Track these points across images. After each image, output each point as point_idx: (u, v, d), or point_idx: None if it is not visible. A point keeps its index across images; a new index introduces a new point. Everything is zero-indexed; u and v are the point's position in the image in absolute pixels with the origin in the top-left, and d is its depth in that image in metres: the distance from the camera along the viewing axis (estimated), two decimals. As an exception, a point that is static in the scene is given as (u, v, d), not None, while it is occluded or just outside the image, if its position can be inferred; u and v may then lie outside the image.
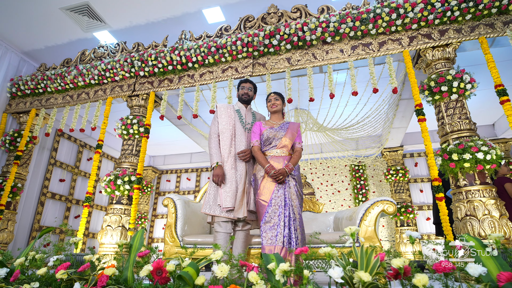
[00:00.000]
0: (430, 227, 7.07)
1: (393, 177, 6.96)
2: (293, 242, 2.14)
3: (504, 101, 2.88)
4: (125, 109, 5.73)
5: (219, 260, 1.14)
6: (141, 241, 1.32)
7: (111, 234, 3.65)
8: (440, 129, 3.16)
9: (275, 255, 1.18)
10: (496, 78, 2.98)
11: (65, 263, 1.22)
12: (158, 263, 1.15)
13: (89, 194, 3.93)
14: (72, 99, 4.74)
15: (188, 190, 9.42)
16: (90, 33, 5.01)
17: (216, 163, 2.50)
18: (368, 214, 2.41)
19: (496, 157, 2.73)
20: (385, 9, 3.37)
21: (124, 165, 4.05)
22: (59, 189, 6.30)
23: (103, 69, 4.44)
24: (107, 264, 1.30)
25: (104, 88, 4.61)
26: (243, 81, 2.85)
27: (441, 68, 3.27)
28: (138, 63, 4.28)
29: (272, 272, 1.09)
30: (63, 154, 6.44)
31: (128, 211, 3.86)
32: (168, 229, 2.83)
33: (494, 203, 2.67)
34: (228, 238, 2.43)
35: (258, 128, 2.58)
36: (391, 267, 1.00)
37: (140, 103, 4.37)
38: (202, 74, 4.17)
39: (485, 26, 3.24)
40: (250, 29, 4.05)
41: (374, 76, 3.33)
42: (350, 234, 1.15)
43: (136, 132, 4.13)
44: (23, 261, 1.31)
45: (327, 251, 1.09)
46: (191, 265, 1.11)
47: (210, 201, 2.50)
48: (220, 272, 1.02)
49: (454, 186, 2.94)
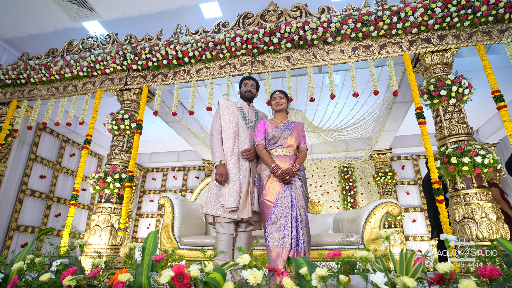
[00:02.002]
0: (416, 229, 7.24)
1: (381, 179, 7.07)
2: (301, 244, 2.08)
3: (501, 107, 2.95)
4: (114, 104, 5.51)
5: (247, 265, 1.05)
6: (155, 244, 1.21)
7: (100, 234, 3.47)
8: (438, 132, 3.20)
9: (304, 259, 1.11)
10: (493, 84, 3.05)
11: (71, 268, 1.10)
12: (179, 268, 1.06)
13: (76, 192, 3.72)
14: (57, 91, 4.49)
15: (174, 189, 9.21)
16: (78, 23, 4.77)
17: (219, 161, 2.41)
18: (373, 215, 2.39)
19: (493, 161, 2.78)
20: (386, 12, 3.39)
21: (113, 162, 3.86)
22: (39, 186, 5.97)
23: (92, 61, 4.22)
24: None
25: (93, 81, 4.39)
26: (246, 78, 2.77)
27: (440, 72, 3.31)
28: (130, 56, 4.10)
29: (304, 278, 1.03)
30: (44, 149, 6.12)
31: (118, 210, 3.68)
32: (164, 230, 2.71)
33: (491, 206, 2.73)
34: (231, 239, 2.35)
35: (262, 127, 2.51)
36: (434, 272, 0.95)
37: (132, 97, 4.19)
38: (198, 70, 4.05)
39: (482, 33, 3.31)
40: (249, 26, 3.97)
41: (375, 78, 3.33)
42: (385, 238, 1.10)
43: (127, 128, 3.96)
44: (21, 265, 1.17)
45: (364, 255, 1.04)
46: (217, 270, 1.02)
47: (212, 201, 2.41)
48: (253, 278, 0.94)
49: (451, 189, 2.98)
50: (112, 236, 3.50)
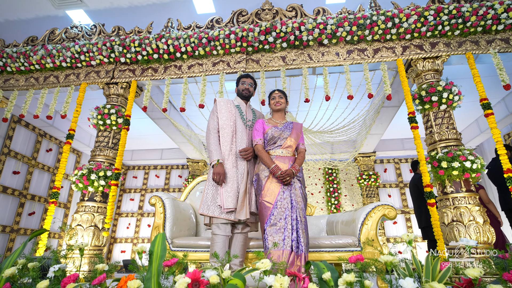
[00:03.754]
0: (397, 230, 7.44)
1: (365, 182, 7.21)
2: (301, 246, 2.05)
3: (489, 114, 3.06)
4: (98, 98, 5.27)
5: (267, 271, 1.00)
6: (163, 247, 1.13)
7: (82, 235, 3.29)
8: (429, 137, 3.28)
9: (324, 264, 1.07)
10: (481, 92, 3.16)
11: (72, 274, 0.99)
12: (194, 274, 0.99)
13: (56, 190, 3.50)
14: (37, 82, 4.22)
15: (156, 187, 8.96)
16: (62, 11, 4.52)
17: (216, 160, 2.33)
18: (370, 218, 2.40)
19: (481, 166, 2.88)
20: (381, 17, 3.44)
21: (98, 159, 3.67)
22: (12, 183, 5.61)
23: (77, 51, 4.00)
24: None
25: (77, 73, 4.16)
26: (244, 76, 2.71)
27: (431, 79, 3.40)
28: (119, 48, 3.93)
29: (327, 283, 0.99)
30: (19, 143, 5.75)
31: (102, 210, 3.50)
32: (155, 231, 2.59)
33: (478, 210, 2.82)
34: (227, 241, 2.28)
35: (261, 126, 2.46)
36: (461, 277, 0.94)
37: (119, 91, 4.01)
38: (190, 66, 3.94)
39: (471, 43, 3.43)
40: (243, 24, 3.91)
41: (369, 82, 3.37)
42: (408, 242, 1.08)
43: (113, 123, 3.78)
44: (14, 271, 1.04)
45: (389, 260, 1.01)
46: (237, 276, 0.96)
47: (208, 201, 2.33)
48: (279, 285, 0.89)
49: (440, 193, 3.06)
50: (96, 237, 3.33)
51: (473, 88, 3.65)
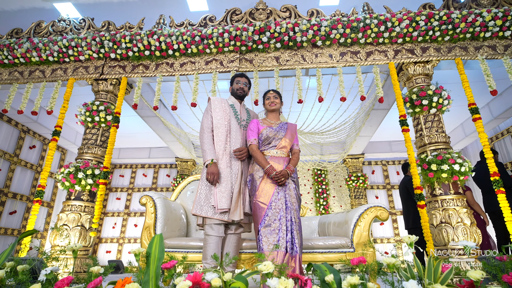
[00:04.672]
0: (383, 231, 7.57)
1: (354, 183, 7.29)
2: (295, 248, 2.04)
3: (476, 119, 3.14)
4: (85, 94, 5.12)
5: (270, 273, 0.98)
6: (161, 249, 1.09)
7: (68, 235, 3.18)
8: (418, 140, 3.33)
9: (326, 266, 1.06)
10: (469, 97, 3.25)
11: (66, 277, 0.95)
12: (195, 277, 0.96)
13: (41, 188, 3.38)
14: (22, 76, 4.07)
15: (144, 187, 8.81)
16: (49, 3, 4.37)
17: (210, 160, 2.30)
18: (362, 219, 2.41)
19: (469, 169, 2.96)
20: (374, 20, 3.48)
21: (86, 157, 3.57)
22: (-8, 180, 5.39)
23: (65, 45, 3.88)
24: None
25: (64, 68, 4.03)
26: (239, 75, 2.68)
27: (421, 83, 3.46)
28: (109, 43, 3.83)
29: (330, 286, 0.98)
30: (0, 139, 5.53)
31: (89, 209, 3.40)
32: (146, 231, 2.54)
33: (465, 212, 2.89)
34: (221, 242, 2.25)
35: (255, 126, 2.44)
36: (463, 279, 0.94)
37: (108, 88, 3.91)
38: (183, 64, 3.88)
39: (460, 49, 3.52)
40: (237, 23, 3.88)
41: (362, 84, 3.41)
42: (409, 244, 1.09)
43: (102, 120, 3.68)
44: (3, 275, 0.98)
45: (391, 262, 1.01)
46: (239, 278, 0.94)
47: (201, 201, 2.29)
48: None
49: (429, 195, 3.12)
50: (82, 237, 3.23)
51: (460, 92, 3.74)
